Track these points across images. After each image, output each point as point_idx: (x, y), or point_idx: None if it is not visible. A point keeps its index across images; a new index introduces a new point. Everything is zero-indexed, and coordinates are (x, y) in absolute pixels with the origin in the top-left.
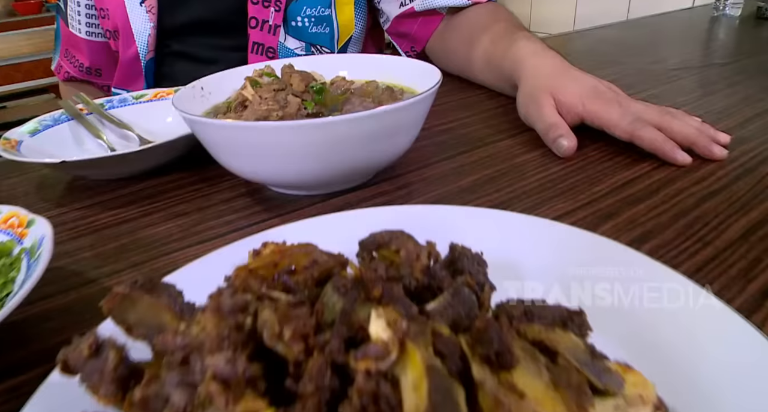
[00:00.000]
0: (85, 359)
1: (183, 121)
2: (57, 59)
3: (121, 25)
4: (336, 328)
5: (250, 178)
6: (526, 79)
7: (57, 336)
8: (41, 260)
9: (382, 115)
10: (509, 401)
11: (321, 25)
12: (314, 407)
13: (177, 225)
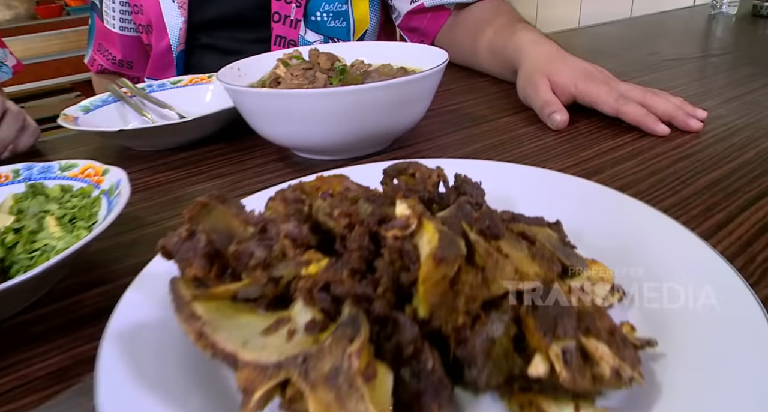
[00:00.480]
0: (181, 241)
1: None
2: (90, 53)
3: (154, 20)
4: (371, 211)
5: (282, 142)
6: (525, 63)
7: (130, 260)
8: (123, 194)
9: (400, 84)
10: (497, 257)
11: (338, 20)
12: (357, 258)
13: (219, 183)
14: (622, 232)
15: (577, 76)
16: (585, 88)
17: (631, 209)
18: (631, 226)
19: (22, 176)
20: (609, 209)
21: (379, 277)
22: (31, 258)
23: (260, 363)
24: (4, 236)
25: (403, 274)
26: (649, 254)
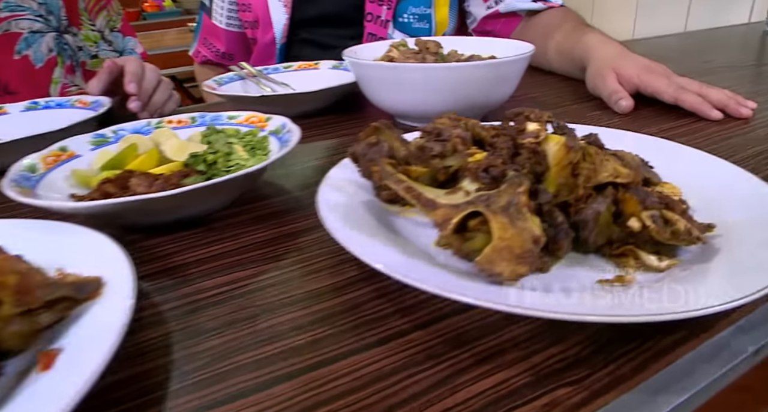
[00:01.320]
0: (369, 147)
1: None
2: (195, 46)
3: (261, 17)
4: (508, 130)
5: (392, 110)
6: (594, 60)
7: (298, 185)
8: (294, 131)
9: (498, 64)
10: (602, 158)
11: (422, 22)
12: (506, 154)
13: (339, 142)
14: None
15: (640, 69)
16: (647, 80)
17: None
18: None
19: (198, 122)
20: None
21: (520, 165)
22: (228, 172)
23: (453, 203)
24: (205, 156)
25: (536, 166)
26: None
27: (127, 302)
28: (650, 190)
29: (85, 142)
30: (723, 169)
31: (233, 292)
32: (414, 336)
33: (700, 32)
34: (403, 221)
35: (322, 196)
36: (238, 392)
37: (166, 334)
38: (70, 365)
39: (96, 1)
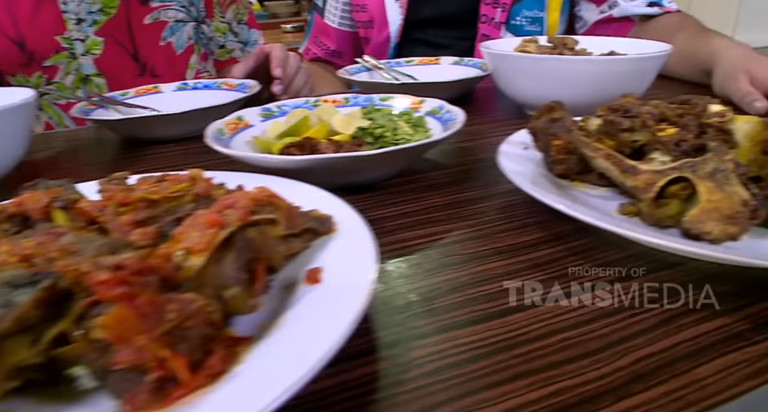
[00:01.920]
0: (550, 121)
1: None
2: (306, 44)
3: (377, 17)
4: (693, 109)
5: (526, 100)
6: (723, 63)
7: (454, 162)
8: (456, 111)
9: (640, 59)
10: None
11: (534, 25)
12: (695, 131)
13: (475, 129)
14: None
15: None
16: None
17: None
18: None
19: (351, 102)
20: None
21: (708, 141)
22: (396, 145)
23: (656, 169)
24: (371, 130)
25: (724, 143)
26: None
27: (366, 232)
28: None
29: (256, 114)
30: None
31: (432, 243)
32: (622, 285)
33: None
34: (576, 193)
35: (504, 164)
36: (450, 324)
37: (384, 272)
38: (343, 275)
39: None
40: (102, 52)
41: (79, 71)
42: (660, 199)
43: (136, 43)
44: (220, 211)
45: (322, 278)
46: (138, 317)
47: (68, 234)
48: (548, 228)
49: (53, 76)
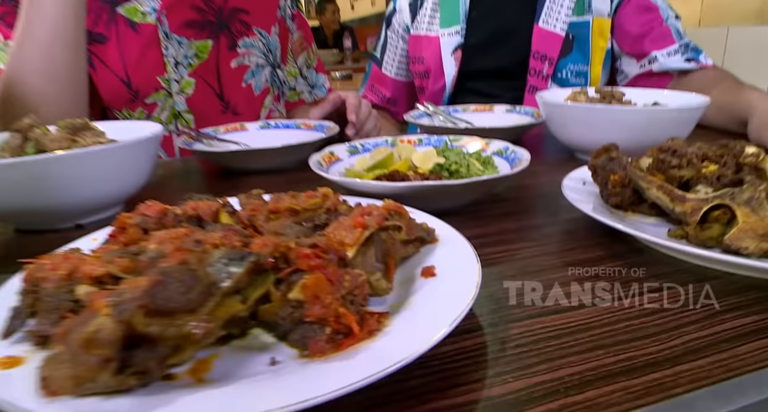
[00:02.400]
0: (608, 160)
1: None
2: (362, 91)
3: (433, 68)
4: (731, 150)
5: (576, 145)
6: (758, 112)
7: (517, 196)
8: (521, 152)
9: (680, 111)
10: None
11: (579, 78)
12: (732, 167)
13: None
14: None
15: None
16: None
17: None
18: None
19: (424, 142)
20: None
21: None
22: None
23: (701, 198)
24: (448, 166)
25: (758, 179)
26: None
27: (465, 241)
28: None
29: (344, 150)
30: None
31: (510, 257)
32: (669, 292)
33: None
34: (630, 221)
35: (568, 195)
36: (537, 313)
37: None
38: (452, 271)
39: (300, 44)
40: (193, 91)
41: (173, 108)
42: (704, 223)
43: (222, 84)
44: (362, 216)
45: (437, 273)
46: (327, 282)
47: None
48: (607, 248)
49: (152, 112)
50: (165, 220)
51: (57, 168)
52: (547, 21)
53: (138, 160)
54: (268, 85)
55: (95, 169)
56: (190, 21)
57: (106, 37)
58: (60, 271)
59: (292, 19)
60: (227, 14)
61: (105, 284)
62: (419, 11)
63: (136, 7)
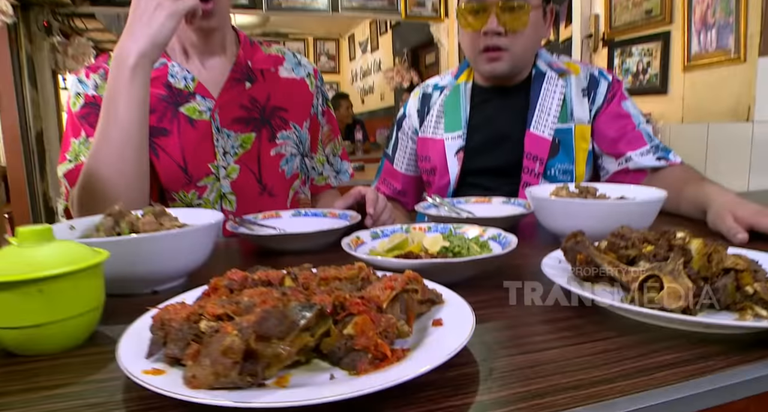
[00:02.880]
0: (575, 243)
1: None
2: (376, 183)
3: (439, 167)
4: (665, 235)
5: (561, 231)
6: (714, 205)
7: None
8: (510, 237)
9: (642, 203)
10: (723, 255)
11: (565, 175)
12: (665, 247)
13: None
14: None
15: (753, 212)
16: (758, 219)
17: None
18: None
19: (432, 229)
20: None
21: (675, 254)
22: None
23: (639, 270)
24: (452, 249)
25: (685, 256)
26: None
27: (465, 303)
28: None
29: (367, 235)
30: None
31: (501, 313)
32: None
33: None
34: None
35: (546, 271)
36: (508, 353)
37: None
38: (455, 322)
39: (328, 135)
40: (237, 176)
41: (219, 190)
42: (643, 289)
43: (261, 169)
44: (390, 281)
45: (443, 323)
46: (370, 322)
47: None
48: (576, 310)
49: (202, 194)
50: (245, 283)
51: (148, 245)
52: (537, 127)
53: (205, 241)
54: (297, 171)
55: (174, 247)
56: (238, 118)
57: (169, 131)
58: (182, 314)
59: (323, 115)
60: (269, 112)
61: (221, 320)
62: (426, 117)
63: (195, 106)
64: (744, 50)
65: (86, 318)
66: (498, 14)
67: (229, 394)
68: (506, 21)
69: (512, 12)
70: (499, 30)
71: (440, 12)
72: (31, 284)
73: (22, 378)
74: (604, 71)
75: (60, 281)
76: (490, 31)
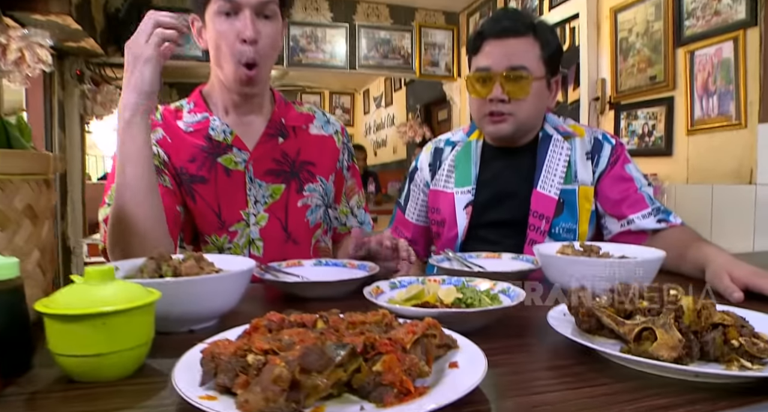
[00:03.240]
0: (577, 298)
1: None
2: (388, 231)
3: (448, 219)
4: (659, 293)
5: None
6: (712, 265)
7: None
8: (519, 290)
9: (641, 262)
10: (711, 310)
11: (569, 234)
12: (659, 303)
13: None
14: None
15: (748, 272)
16: (754, 280)
17: None
18: None
19: (446, 281)
20: None
21: (668, 310)
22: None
23: (634, 323)
24: (465, 300)
25: (677, 311)
26: None
27: (478, 349)
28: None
29: (386, 285)
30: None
31: (510, 359)
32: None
33: None
34: (596, 341)
35: (552, 322)
36: (521, 392)
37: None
38: (469, 366)
39: (352, 189)
40: (266, 223)
41: (248, 236)
42: (638, 340)
43: (288, 218)
44: (412, 326)
45: (459, 366)
46: (396, 360)
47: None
48: (578, 358)
49: (233, 238)
50: (283, 323)
51: (192, 287)
52: (543, 187)
53: (239, 285)
54: (320, 220)
55: (213, 290)
56: (270, 170)
57: (206, 179)
58: (230, 349)
59: (348, 170)
60: (298, 165)
61: (267, 354)
62: (438, 171)
63: (231, 158)
64: (745, 116)
65: (139, 351)
66: (502, 83)
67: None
68: (509, 90)
69: (515, 82)
70: (503, 97)
71: (453, 71)
72: (96, 318)
73: (82, 402)
74: (608, 135)
75: (120, 316)
76: (494, 98)
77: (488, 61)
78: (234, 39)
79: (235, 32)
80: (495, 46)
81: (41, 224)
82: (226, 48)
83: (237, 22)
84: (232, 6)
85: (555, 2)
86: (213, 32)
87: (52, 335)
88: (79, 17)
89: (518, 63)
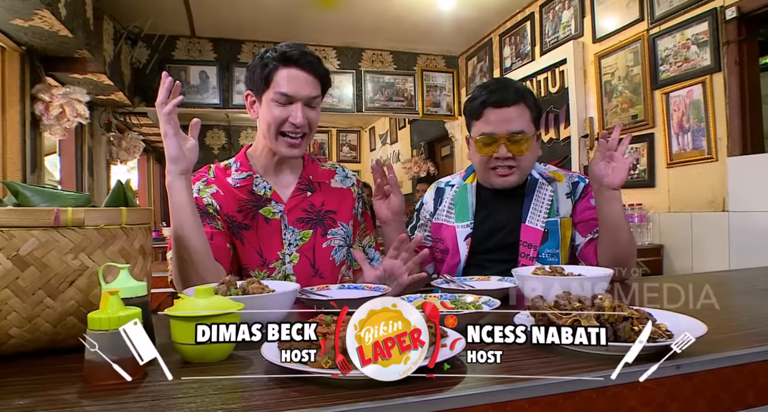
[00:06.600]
0: (534, 303)
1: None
2: None
3: (451, 248)
4: (587, 302)
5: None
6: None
7: None
8: (495, 301)
9: (592, 278)
10: (626, 308)
11: (554, 257)
12: (590, 304)
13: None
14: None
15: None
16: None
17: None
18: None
19: (443, 297)
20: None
21: (595, 308)
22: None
23: (571, 318)
24: (457, 307)
25: (601, 310)
26: None
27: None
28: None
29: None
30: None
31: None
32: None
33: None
34: None
35: (517, 320)
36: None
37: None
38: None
39: (364, 229)
40: (297, 262)
41: (284, 271)
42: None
43: (315, 257)
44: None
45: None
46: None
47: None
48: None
49: (272, 273)
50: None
51: (260, 301)
52: (531, 221)
53: (289, 300)
54: (344, 258)
55: (274, 302)
56: (301, 218)
57: (250, 227)
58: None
59: (362, 215)
60: (323, 214)
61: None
62: (439, 206)
63: (270, 209)
64: (715, 150)
65: (230, 344)
66: (506, 145)
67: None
68: (513, 149)
69: (517, 143)
70: (508, 156)
71: (454, 111)
72: (207, 319)
73: (197, 373)
74: (581, 176)
75: (221, 317)
76: (501, 156)
77: (491, 127)
78: (286, 122)
79: (287, 117)
80: (495, 114)
81: (148, 259)
82: (279, 127)
83: (290, 109)
84: (288, 99)
85: (545, 49)
86: (269, 115)
87: (176, 330)
88: (111, 74)
89: (517, 128)
